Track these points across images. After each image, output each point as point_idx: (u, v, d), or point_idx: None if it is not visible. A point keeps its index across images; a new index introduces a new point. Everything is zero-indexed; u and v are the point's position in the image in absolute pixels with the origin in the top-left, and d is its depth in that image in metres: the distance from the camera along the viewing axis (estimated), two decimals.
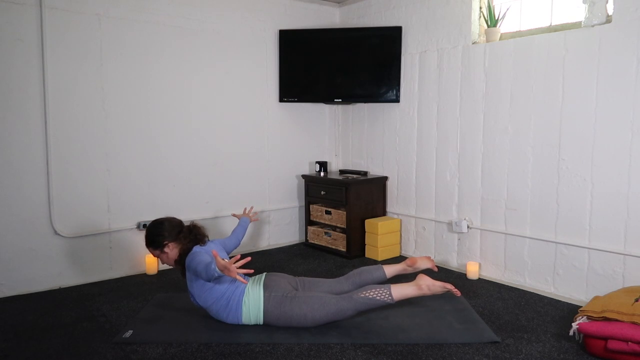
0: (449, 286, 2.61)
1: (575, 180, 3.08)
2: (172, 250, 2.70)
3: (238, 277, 2.27)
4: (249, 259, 2.34)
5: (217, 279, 2.50)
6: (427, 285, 2.61)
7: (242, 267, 2.42)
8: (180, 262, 2.69)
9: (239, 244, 3.21)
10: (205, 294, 2.60)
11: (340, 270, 3.73)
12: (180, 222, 2.79)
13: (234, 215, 3.52)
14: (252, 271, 2.37)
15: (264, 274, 2.82)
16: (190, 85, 3.86)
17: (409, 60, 4.06)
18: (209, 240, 2.83)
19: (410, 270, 2.96)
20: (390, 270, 2.92)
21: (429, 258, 2.99)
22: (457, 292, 2.63)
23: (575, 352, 2.39)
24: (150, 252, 2.76)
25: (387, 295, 2.57)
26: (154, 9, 3.63)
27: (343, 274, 3.05)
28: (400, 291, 2.60)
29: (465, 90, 3.65)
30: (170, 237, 2.69)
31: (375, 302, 2.58)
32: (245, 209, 3.52)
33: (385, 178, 4.34)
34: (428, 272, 3.07)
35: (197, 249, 2.65)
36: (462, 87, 3.67)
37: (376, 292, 2.58)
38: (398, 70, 4.10)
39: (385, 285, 2.63)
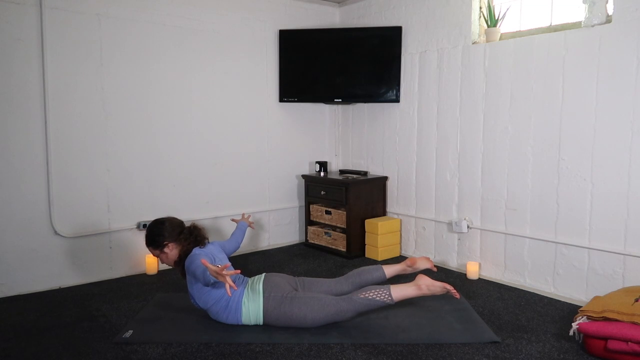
0: (449, 287, 2.61)
1: (575, 180, 3.08)
2: (172, 250, 2.70)
3: (230, 282, 2.22)
4: (239, 271, 2.36)
5: (214, 284, 2.51)
6: (426, 285, 2.61)
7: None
8: (180, 263, 2.69)
9: (239, 246, 3.21)
10: (205, 296, 2.61)
11: (340, 270, 3.72)
12: (181, 223, 2.79)
13: (233, 220, 3.48)
14: (239, 271, 2.37)
15: (263, 274, 2.82)
16: (190, 85, 3.86)
17: (409, 60, 4.06)
18: (208, 242, 2.82)
19: (410, 270, 2.96)
20: (390, 270, 2.92)
21: (427, 258, 2.99)
22: (457, 294, 2.62)
23: (575, 352, 2.39)
24: (150, 251, 2.76)
25: (386, 296, 2.57)
26: (154, 9, 3.63)
27: (343, 274, 3.05)
28: (400, 292, 2.60)
29: (465, 90, 3.65)
30: (170, 237, 2.69)
31: (375, 303, 2.57)
32: (244, 214, 3.51)
33: (385, 178, 4.34)
34: (427, 272, 3.07)
35: (196, 251, 2.64)
36: (462, 87, 3.67)
37: (376, 293, 2.58)
38: (398, 70, 4.10)
39: (385, 285, 2.63)
